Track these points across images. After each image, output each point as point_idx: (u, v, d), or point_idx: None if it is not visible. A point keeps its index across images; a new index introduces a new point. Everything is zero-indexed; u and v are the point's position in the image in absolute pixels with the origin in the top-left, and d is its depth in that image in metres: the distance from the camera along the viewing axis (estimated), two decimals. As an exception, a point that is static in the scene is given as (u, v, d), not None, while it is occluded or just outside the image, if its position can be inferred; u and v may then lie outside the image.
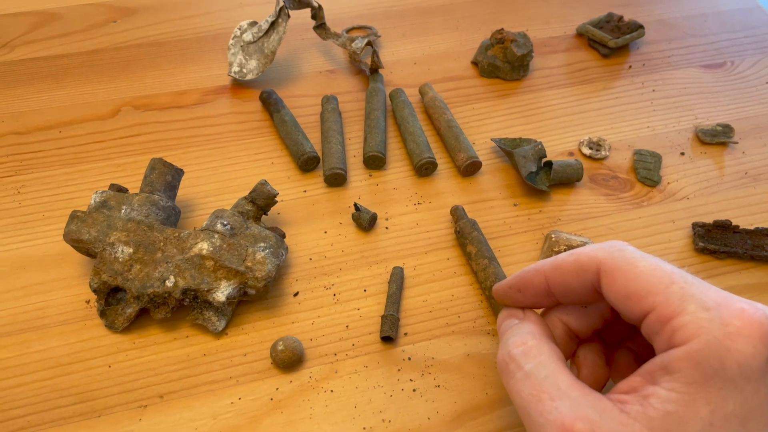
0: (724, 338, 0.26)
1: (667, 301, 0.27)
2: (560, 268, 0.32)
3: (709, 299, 0.27)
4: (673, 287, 0.28)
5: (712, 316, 0.26)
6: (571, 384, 0.28)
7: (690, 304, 0.27)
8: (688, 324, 0.26)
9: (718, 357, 0.26)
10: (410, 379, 0.38)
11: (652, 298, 0.28)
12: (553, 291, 0.32)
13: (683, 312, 0.27)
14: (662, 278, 0.28)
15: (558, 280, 0.32)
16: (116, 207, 0.41)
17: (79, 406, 0.36)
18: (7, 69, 0.57)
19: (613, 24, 0.62)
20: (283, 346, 0.38)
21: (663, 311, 0.27)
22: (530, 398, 0.28)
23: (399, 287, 0.42)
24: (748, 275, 0.44)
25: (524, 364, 0.30)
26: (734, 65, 0.61)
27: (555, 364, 0.29)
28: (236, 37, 0.56)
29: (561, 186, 0.49)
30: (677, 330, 0.27)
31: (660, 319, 0.27)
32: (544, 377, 0.29)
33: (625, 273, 0.29)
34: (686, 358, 0.26)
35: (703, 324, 0.26)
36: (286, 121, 0.51)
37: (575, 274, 0.31)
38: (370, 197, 0.48)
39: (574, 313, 0.33)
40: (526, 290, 0.33)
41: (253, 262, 0.39)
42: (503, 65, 0.57)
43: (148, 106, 0.54)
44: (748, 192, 0.49)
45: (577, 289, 0.31)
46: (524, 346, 0.30)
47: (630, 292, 0.29)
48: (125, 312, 0.39)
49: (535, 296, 0.33)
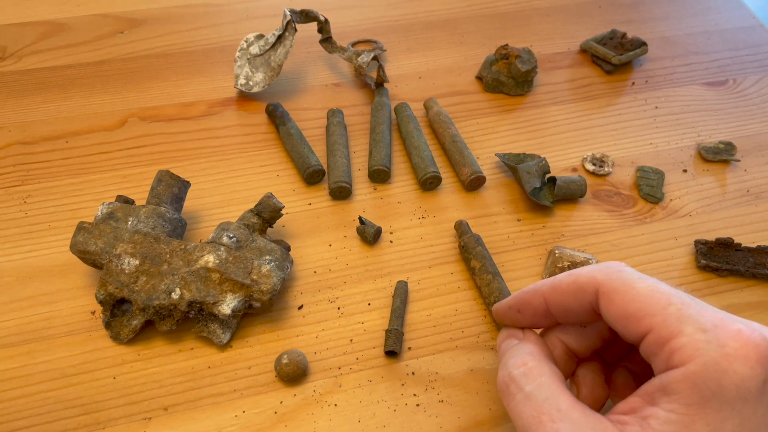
0: (721, 360, 0.26)
1: (664, 323, 0.28)
2: (559, 289, 0.32)
3: (706, 320, 0.27)
4: (671, 308, 0.28)
5: (709, 338, 0.27)
6: (571, 405, 0.28)
7: (687, 326, 0.27)
8: (686, 345, 0.27)
9: (715, 379, 0.26)
10: (414, 394, 0.38)
11: (650, 320, 0.28)
12: (552, 311, 0.33)
13: (681, 333, 0.27)
14: (660, 299, 0.28)
15: (557, 301, 0.32)
16: (123, 219, 0.41)
17: (83, 417, 0.36)
18: (14, 78, 0.58)
19: (617, 41, 0.63)
20: (288, 359, 0.38)
21: (661, 332, 0.28)
22: (531, 420, 0.29)
23: (403, 301, 0.42)
24: (749, 293, 0.44)
25: (524, 385, 0.30)
26: (737, 83, 0.61)
27: (555, 385, 0.29)
28: (243, 49, 0.57)
29: (564, 202, 0.49)
30: (675, 351, 0.27)
31: (658, 340, 0.28)
32: (544, 399, 0.29)
33: (622, 294, 0.29)
34: (684, 380, 0.26)
35: (700, 346, 0.26)
36: (291, 133, 0.51)
37: (573, 295, 0.31)
38: (375, 211, 0.48)
39: (573, 333, 0.33)
40: (525, 310, 0.34)
41: (258, 275, 0.39)
42: (507, 80, 0.58)
43: (155, 118, 0.55)
44: (750, 210, 0.50)
45: (575, 309, 0.31)
46: (524, 368, 0.31)
47: (628, 314, 0.29)
48: (130, 323, 0.39)
49: (534, 316, 0.33)
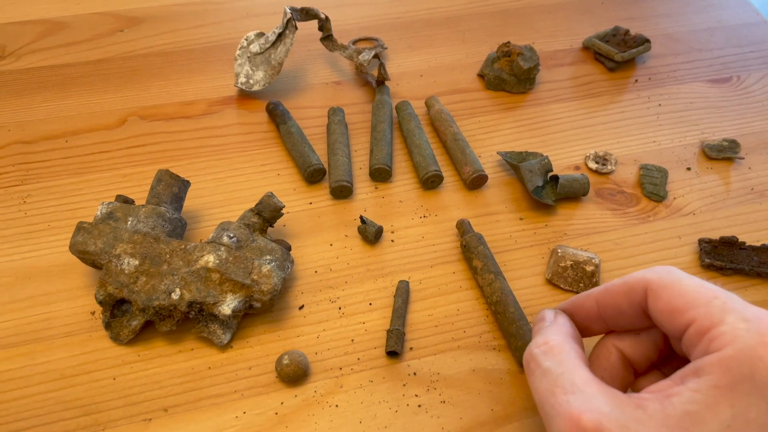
0: (758, 347, 0.26)
1: (708, 314, 0.28)
2: (610, 291, 0.32)
3: (749, 312, 0.28)
4: (716, 302, 0.28)
5: (750, 327, 0.27)
6: (586, 380, 0.29)
7: (730, 316, 0.27)
8: (726, 333, 0.27)
9: (749, 364, 0.26)
10: (415, 395, 0.38)
11: (694, 311, 0.28)
12: (603, 314, 0.33)
13: (722, 322, 0.27)
14: (706, 294, 0.29)
15: (608, 302, 0.33)
16: (122, 218, 0.41)
17: (83, 419, 0.36)
18: (13, 78, 0.58)
19: (620, 38, 0.62)
20: (289, 360, 0.37)
21: (703, 323, 0.28)
22: (545, 393, 0.29)
23: (404, 301, 0.42)
24: (754, 292, 0.44)
25: (543, 362, 0.30)
26: (740, 80, 0.61)
27: (573, 361, 0.30)
28: (243, 47, 0.56)
29: (567, 200, 0.49)
30: (714, 339, 0.27)
31: (699, 330, 0.28)
32: (559, 373, 0.29)
33: (670, 290, 0.30)
34: (718, 363, 0.26)
35: (739, 333, 0.27)
36: (292, 132, 0.51)
37: (624, 295, 0.32)
38: (376, 210, 0.48)
39: (628, 340, 0.33)
40: (578, 314, 0.34)
41: (259, 275, 0.39)
42: (509, 78, 0.57)
43: (155, 116, 0.54)
44: (754, 208, 0.49)
45: (626, 310, 0.32)
46: (545, 346, 0.31)
47: (673, 307, 0.29)
48: (130, 324, 0.39)
49: (586, 319, 0.34)
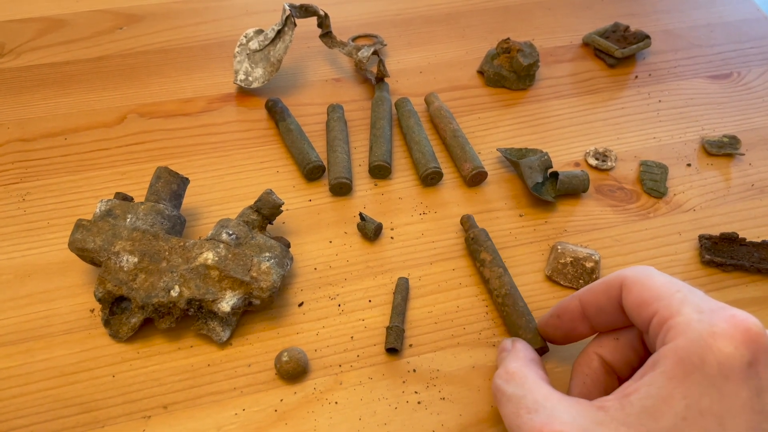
0: (708, 336, 0.27)
1: (668, 306, 0.29)
2: (592, 290, 0.34)
3: (705, 305, 0.29)
4: (677, 295, 0.30)
5: (702, 318, 0.28)
6: (547, 396, 0.30)
7: (686, 307, 0.29)
8: (680, 323, 0.28)
9: (699, 354, 0.27)
10: (415, 392, 0.38)
11: (657, 304, 0.30)
12: (587, 313, 0.35)
13: (679, 313, 0.29)
14: (670, 288, 0.30)
15: (589, 300, 0.34)
16: (121, 216, 0.41)
17: (82, 416, 0.36)
18: (13, 75, 0.57)
19: (620, 34, 0.62)
20: (288, 357, 0.37)
21: (663, 314, 0.29)
22: (512, 416, 0.30)
23: (404, 298, 0.42)
24: (754, 288, 0.44)
25: (507, 389, 0.32)
26: (741, 76, 0.61)
27: (533, 382, 0.32)
28: (242, 45, 0.56)
29: (567, 197, 0.49)
30: (670, 329, 0.29)
31: (660, 320, 0.29)
32: (522, 395, 0.31)
33: (640, 284, 0.31)
34: (671, 354, 0.28)
35: (692, 324, 0.28)
36: (291, 129, 0.51)
37: (604, 293, 0.33)
38: (376, 207, 0.48)
39: (608, 346, 0.34)
40: (564, 315, 0.36)
41: (258, 273, 0.39)
42: (509, 75, 0.57)
43: (154, 114, 0.54)
44: (754, 204, 0.49)
45: (606, 307, 0.33)
46: (506, 375, 0.33)
47: (642, 300, 0.31)
48: (129, 321, 0.39)
49: (571, 321, 0.36)
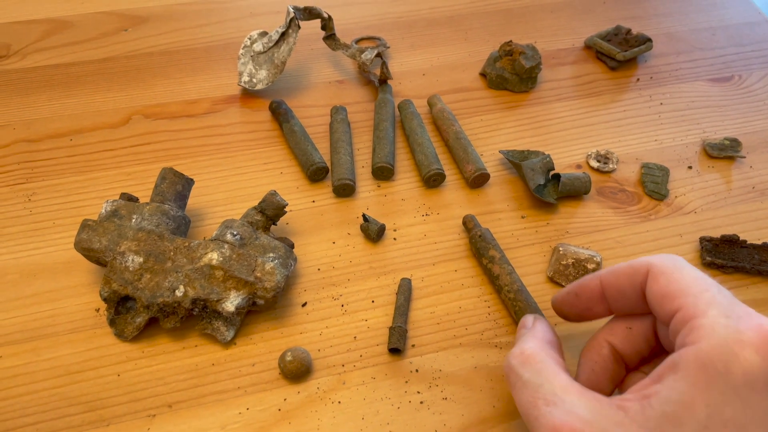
0: (734, 344, 0.26)
1: (694, 304, 0.28)
2: (615, 272, 0.33)
3: (734, 310, 0.28)
4: (705, 294, 0.29)
5: (729, 323, 0.27)
6: (566, 387, 0.29)
7: (713, 309, 0.28)
8: (704, 326, 0.27)
9: (724, 361, 0.26)
10: (417, 392, 0.38)
11: (683, 299, 0.29)
12: (606, 294, 0.33)
13: (704, 314, 0.28)
14: (699, 285, 0.29)
15: (612, 282, 0.33)
16: (127, 216, 0.41)
17: (87, 414, 0.36)
18: (18, 76, 0.58)
19: (621, 37, 0.63)
20: (292, 356, 0.38)
21: (688, 311, 0.28)
22: (528, 405, 0.29)
23: (407, 299, 0.42)
24: (755, 290, 0.44)
25: (522, 373, 0.31)
26: (742, 79, 0.61)
27: (551, 369, 0.30)
28: (246, 47, 0.57)
29: (568, 199, 0.49)
30: (693, 330, 0.27)
31: (683, 318, 0.28)
32: (539, 384, 0.29)
33: (668, 275, 0.30)
34: (694, 358, 0.27)
35: (718, 328, 0.27)
36: (295, 131, 0.51)
37: (628, 277, 0.32)
38: (379, 208, 0.48)
39: (620, 334, 0.34)
40: (582, 293, 0.35)
41: (262, 273, 0.39)
42: (511, 77, 0.58)
43: (159, 115, 0.55)
44: (755, 206, 0.49)
45: (628, 292, 0.32)
46: (522, 356, 0.31)
47: (666, 292, 0.30)
48: (135, 321, 0.39)
49: (589, 300, 0.34)
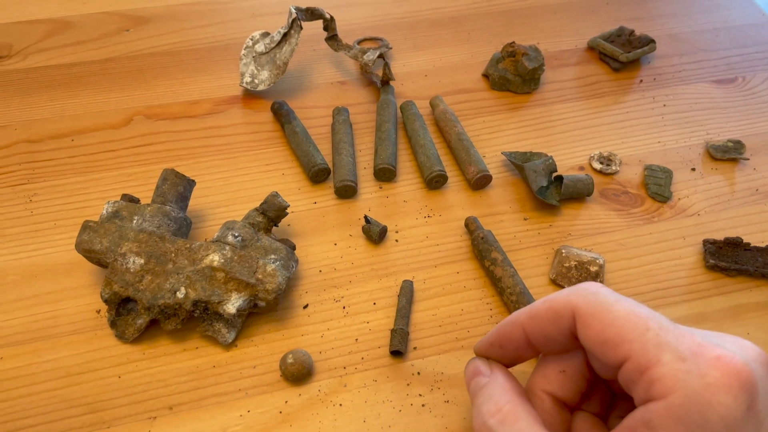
0: (703, 391, 0.25)
1: (642, 350, 0.27)
2: (536, 317, 0.31)
3: (684, 348, 0.26)
4: (649, 334, 0.27)
5: (689, 367, 0.26)
6: None
7: (666, 353, 0.26)
8: (666, 376, 0.26)
9: (700, 411, 0.25)
10: (419, 394, 0.38)
11: (627, 346, 0.27)
12: (533, 341, 0.31)
13: (659, 362, 0.26)
14: (637, 324, 0.27)
15: (536, 330, 0.31)
16: (128, 217, 0.41)
17: (88, 416, 0.36)
18: (20, 77, 0.58)
19: (625, 38, 0.62)
20: (293, 359, 0.37)
21: (639, 360, 0.27)
22: None
23: (408, 301, 0.42)
24: (758, 293, 0.44)
25: None
26: (746, 80, 0.61)
27: (532, 428, 0.28)
28: (248, 47, 0.57)
29: (571, 200, 0.49)
30: (655, 382, 0.26)
31: (637, 368, 0.27)
32: None
33: (599, 319, 0.28)
34: (668, 414, 0.25)
35: (680, 376, 0.26)
36: (297, 132, 0.51)
37: (551, 322, 0.30)
38: (381, 209, 0.48)
39: (556, 381, 0.32)
40: (508, 345, 0.32)
41: (263, 275, 0.39)
42: (514, 78, 0.57)
43: (160, 116, 0.55)
44: (759, 209, 0.49)
45: (555, 337, 0.30)
46: (499, 414, 0.29)
47: (605, 339, 0.28)
48: (136, 323, 0.39)
49: (517, 350, 0.32)
